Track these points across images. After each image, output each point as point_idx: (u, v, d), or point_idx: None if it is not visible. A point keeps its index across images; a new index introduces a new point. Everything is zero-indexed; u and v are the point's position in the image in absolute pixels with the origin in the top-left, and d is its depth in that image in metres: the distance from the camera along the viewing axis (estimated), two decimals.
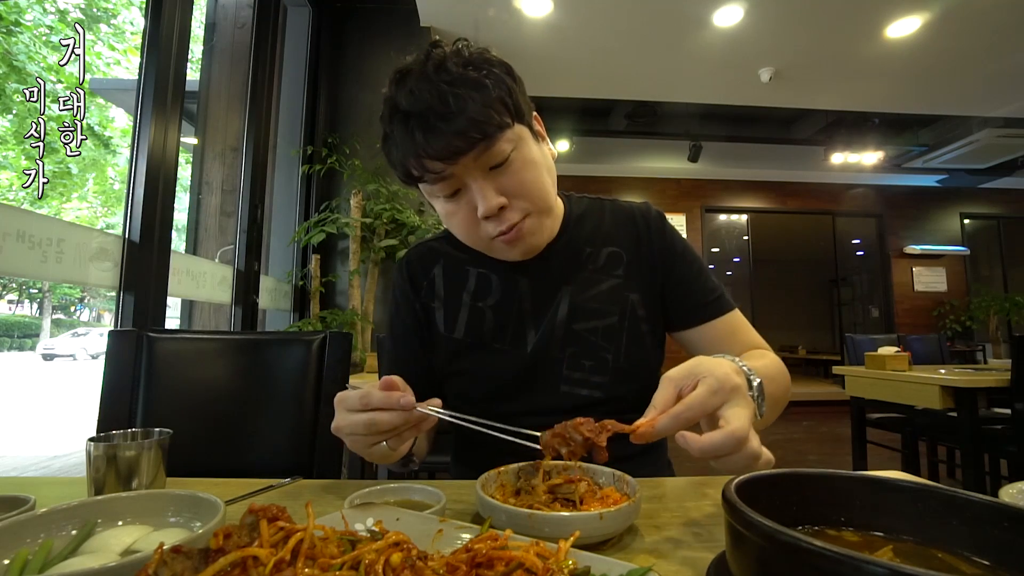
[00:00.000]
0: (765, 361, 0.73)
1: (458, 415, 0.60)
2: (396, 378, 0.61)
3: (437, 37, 0.73)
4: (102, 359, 0.98)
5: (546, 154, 0.77)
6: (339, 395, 0.62)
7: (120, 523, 0.47)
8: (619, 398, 0.79)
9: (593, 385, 0.79)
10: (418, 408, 0.58)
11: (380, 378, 0.88)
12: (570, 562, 0.36)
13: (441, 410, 0.59)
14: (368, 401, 0.58)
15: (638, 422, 0.51)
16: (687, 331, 0.84)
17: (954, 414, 2.32)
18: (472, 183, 0.69)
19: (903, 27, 3.66)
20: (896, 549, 0.35)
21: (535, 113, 0.77)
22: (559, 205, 0.84)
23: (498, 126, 0.67)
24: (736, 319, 0.83)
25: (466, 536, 0.42)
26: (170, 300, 1.96)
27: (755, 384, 0.57)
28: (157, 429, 0.64)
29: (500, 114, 0.67)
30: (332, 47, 3.48)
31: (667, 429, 0.50)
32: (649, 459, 0.85)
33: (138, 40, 1.87)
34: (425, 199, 0.79)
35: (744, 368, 0.58)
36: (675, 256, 0.84)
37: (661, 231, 0.85)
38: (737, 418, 0.49)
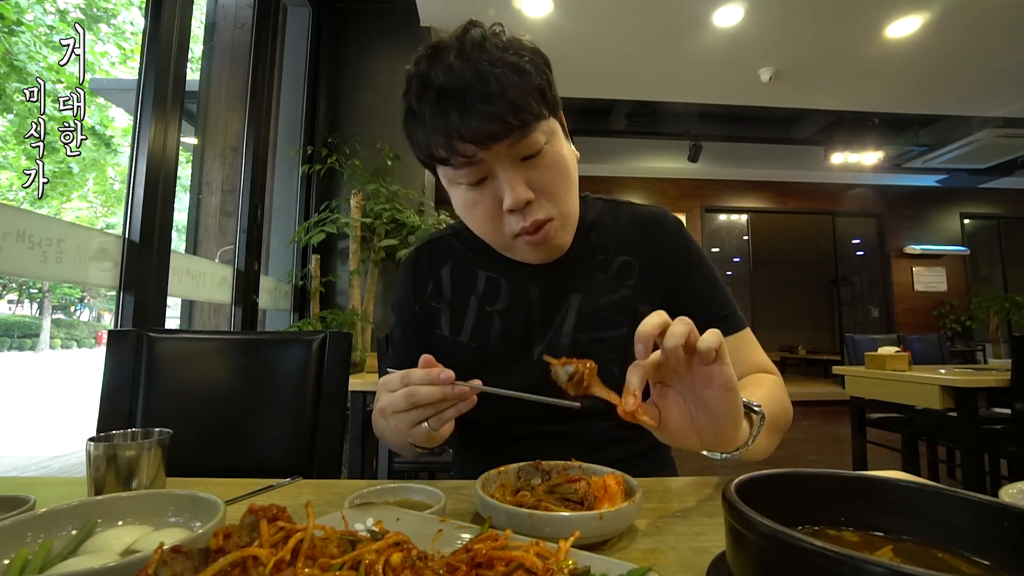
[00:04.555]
0: (764, 389, 0.70)
1: (499, 389, 0.58)
2: (431, 357, 0.59)
3: (474, 21, 0.69)
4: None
5: (573, 154, 0.74)
6: (382, 378, 0.61)
7: (120, 523, 0.47)
8: None
9: (597, 397, 0.77)
10: (457, 384, 0.57)
11: (380, 378, 0.88)
12: (570, 562, 0.36)
13: (481, 385, 0.58)
14: (408, 378, 0.57)
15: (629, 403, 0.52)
16: None
17: (954, 414, 2.32)
18: (501, 172, 0.66)
19: (903, 27, 3.66)
20: (896, 549, 0.35)
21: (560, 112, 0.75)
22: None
23: (536, 115, 0.64)
24: (745, 338, 0.79)
25: (466, 536, 0.42)
26: (170, 300, 1.96)
27: (756, 409, 0.57)
28: (157, 429, 0.64)
29: (538, 103, 0.65)
30: (332, 47, 3.48)
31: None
32: (653, 461, 0.83)
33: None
34: (443, 184, 0.74)
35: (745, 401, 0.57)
36: (689, 268, 0.80)
37: (676, 240, 0.81)
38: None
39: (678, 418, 0.54)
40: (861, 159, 6.10)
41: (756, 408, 0.57)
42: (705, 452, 0.57)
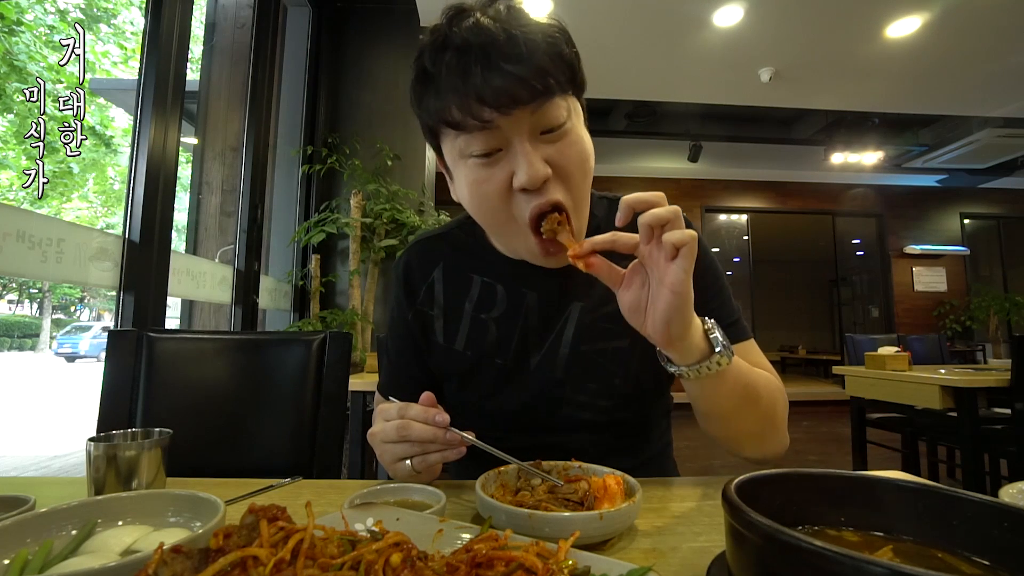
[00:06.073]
0: (756, 374, 0.68)
1: (489, 446, 0.59)
2: (433, 396, 0.61)
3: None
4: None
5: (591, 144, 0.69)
6: (381, 405, 0.63)
7: (120, 523, 0.47)
8: (621, 422, 0.76)
9: (597, 409, 0.74)
10: (452, 429, 0.58)
11: (379, 380, 0.87)
12: (570, 562, 0.36)
13: (473, 439, 0.59)
14: (405, 411, 0.59)
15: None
16: None
17: (954, 414, 2.32)
18: (518, 145, 0.60)
19: (903, 27, 3.66)
20: (896, 549, 0.35)
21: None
22: None
23: (561, 86, 0.61)
24: (748, 349, 0.75)
25: (466, 536, 0.42)
26: (170, 300, 1.96)
27: (709, 322, 0.60)
28: (157, 429, 0.64)
29: (565, 74, 0.62)
30: (332, 47, 3.48)
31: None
32: (653, 472, 0.81)
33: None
34: (447, 164, 0.69)
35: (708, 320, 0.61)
36: (695, 272, 0.77)
37: None
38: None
39: (634, 295, 0.57)
40: (861, 159, 6.10)
41: (723, 343, 0.59)
42: (664, 363, 0.61)
